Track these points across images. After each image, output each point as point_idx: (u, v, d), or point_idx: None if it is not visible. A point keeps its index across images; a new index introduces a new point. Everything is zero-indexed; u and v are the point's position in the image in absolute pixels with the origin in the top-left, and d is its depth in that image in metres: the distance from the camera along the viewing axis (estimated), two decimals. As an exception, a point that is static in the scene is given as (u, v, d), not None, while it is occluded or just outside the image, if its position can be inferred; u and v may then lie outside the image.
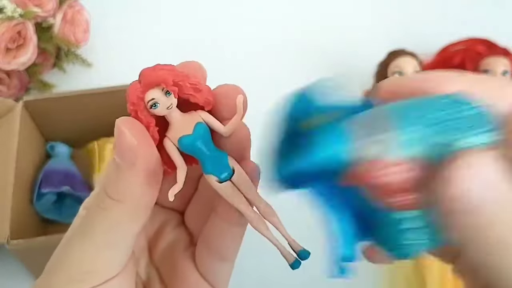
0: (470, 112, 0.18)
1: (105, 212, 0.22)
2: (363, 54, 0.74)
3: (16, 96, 0.65)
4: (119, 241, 0.22)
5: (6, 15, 0.60)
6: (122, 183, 0.22)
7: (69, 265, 0.22)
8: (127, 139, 0.21)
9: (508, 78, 0.64)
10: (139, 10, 0.80)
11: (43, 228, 0.56)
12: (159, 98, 0.21)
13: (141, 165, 0.21)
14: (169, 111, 0.22)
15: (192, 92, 0.22)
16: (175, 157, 0.22)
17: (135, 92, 0.21)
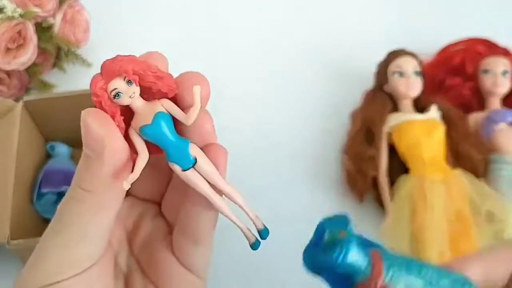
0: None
1: (78, 203, 0.23)
2: (363, 54, 0.74)
3: (16, 96, 0.65)
4: (94, 231, 0.23)
5: (6, 15, 0.60)
6: (92, 173, 0.22)
7: (46, 259, 0.23)
8: (93, 129, 0.22)
9: (507, 78, 0.64)
10: (139, 10, 0.80)
11: (43, 228, 0.55)
12: (121, 87, 0.22)
13: (109, 155, 0.22)
14: (132, 100, 0.22)
15: (153, 80, 0.22)
16: (137, 146, 0.23)
17: (98, 83, 0.22)
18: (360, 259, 0.22)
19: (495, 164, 0.60)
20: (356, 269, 0.22)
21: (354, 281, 0.23)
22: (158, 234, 0.28)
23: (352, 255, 0.22)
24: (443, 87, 0.68)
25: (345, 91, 0.71)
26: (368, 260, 0.22)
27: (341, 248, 0.22)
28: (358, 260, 0.22)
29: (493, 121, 0.62)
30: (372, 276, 0.22)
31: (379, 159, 0.60)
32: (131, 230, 0.28)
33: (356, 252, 0.22)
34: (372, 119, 0.62)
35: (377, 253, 0.23)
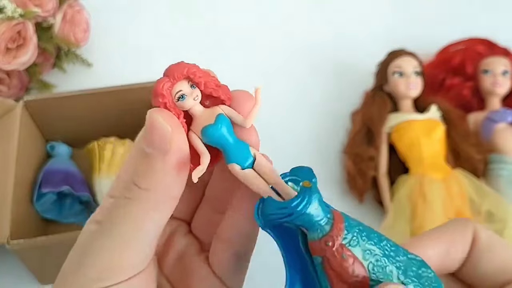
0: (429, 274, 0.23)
1: (133, 201, 0.22)
2: (363, 54, 0.74)
3: (16, 96, 0.65)
4: (145, 233, 0.22)
5: (6, 15, 0.60)
6: (152, 171, 0.21)
7: (91, 262, 0.21)
8: (161, 126, 0.21)
9: (507, 78, 0.64)
10: (139, 10, 0.80)
11: (43, 228, 0.56)
12: (185, 90, 0.22)
13: (174, 153, 0.21)
14: (195, 103, 0.22)
15: (214, 87, 0.23)
16: (199, 147, 0.23)
17: (164, 85, 0.22)
18: (320, 213, 0.21)
19: (494, 164, 0.61)
20: (314, 224, 0.21)
21: (309, 237, 0.22)
22: (191, 251, 0.27)
23: (314, 206, 0.21)
24: (443, 87, 0.68)
25: (345, 91, 0.71)
26: (329, 217, 0.22)
27: (303, 197, 0.21)
28: (318, 214, 0.21)
29: (493, 121, 0.62)
30: (330, 233, 0.21)
31: (379, 159, 0.60)
32: (161, 249, 0.27)
33: (318, 204, 0.21)
34: (372, 119, 0.62)
35: (339, 214, 0.22)
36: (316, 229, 0.21)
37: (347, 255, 0.21)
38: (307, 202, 0.21)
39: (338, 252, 0.21)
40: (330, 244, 0.21)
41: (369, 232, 0.22)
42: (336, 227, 0.21)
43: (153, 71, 0.76)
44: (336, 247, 0.21)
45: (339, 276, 0.21)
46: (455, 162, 0.61)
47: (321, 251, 0.21)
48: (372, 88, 0.67)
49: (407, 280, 0.22)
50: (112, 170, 0.57)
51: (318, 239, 0.21)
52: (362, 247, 0.21)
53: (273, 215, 0.21)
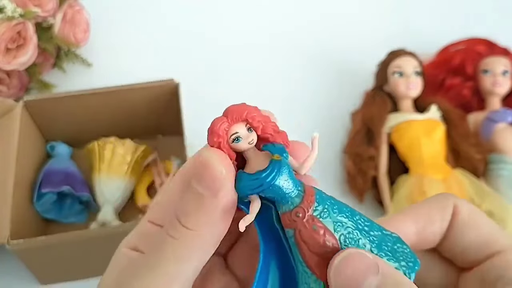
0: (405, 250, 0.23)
1: (178, 242, 0.22)
2: (363, 54, 0.74)
3: (16, 96, 0.65)
4: (187, 272, 0.22)
5: (6, 15, 0.60)
6: (201, 213, 0.21)
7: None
8: (215, 167, 0.21)
9: (507, 78, 0.64)
10: (139, 10, 0.80)
11: (43, 228, 0.56)
12: (242, 132, 0.22)
13: (225, 196, 0.21)
14: (250, 146, 0.22)
15: (272, 133, 0.23)
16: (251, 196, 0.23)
17: (222, 124, 0.22)
18: (291, 186, 0.22)
19: (494, 164, 0.61)
20: (285, 196, 0.22)
21: (281, 211, 0.22)
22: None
23: (283, 177, 0.22)
24: (443, 87, 0.68)
25: (345, 91, 0.71)
26: (299, 190, 0.22)
27: (272, 168, 0.21)
28: (288, 186, 0.22)
29: (493, 121, 0.62)
30: (301, 205, 0.22)
31: (379, 159, 0.60)
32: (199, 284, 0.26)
33: (287, 176, 0.22)
34: (372, 119, 0.62)
35: (310, 187, 0.22)
36: (287, 201, 0.22)
37: (317, 226, 0.21)
38: (276, 173, 0.21)
39: (309, 223, 0.21)
40: (300, 215, 0.22)
41: (341, 206, 0.22)
42: (306, 199, 0.22)
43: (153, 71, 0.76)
44: (307, 219, 0.21)
45: (310, 247, 0.21)
46: (455, 162, 0.61)
47: (292, 223, 0.22)
48: (372, 88, 0.67)
49: (381, 253, 0.22)
50: (112, 170, 0.57)
51: (289, 211, 0.22)
52: (333, 219, 0.22)
53: (246, 187, 0.22)
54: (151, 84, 0.58)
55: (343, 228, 0.22)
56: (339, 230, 0.22)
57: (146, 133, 0.62)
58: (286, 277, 0.23)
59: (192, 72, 0.70)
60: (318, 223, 0.22)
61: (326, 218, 0.22)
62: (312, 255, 0.22)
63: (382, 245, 0.22)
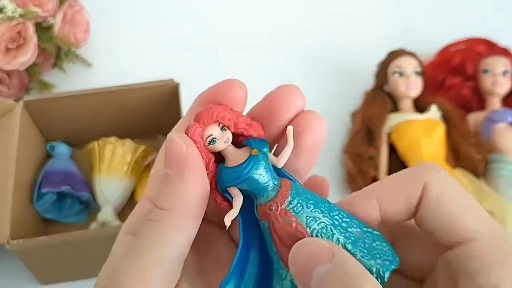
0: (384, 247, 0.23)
1: (156, 223, 0.22)
2: (363, 54, 0.74)
3: (16, 96, 0.65)
4: (171, 255, 0.22)
5: (6, 15, 0.60)
6: (172, 191, 0.22)
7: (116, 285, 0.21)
8: (177, 146, 0.22)
9: (507, 78, 0.64)
10: (139, 10, 0.80)
11: (43, 228, 0.56)
12: (216, 133, 0.23)
13: (190, 170, 0.22)
14: (226, 145, 0.23)
15: (245, 127, 0.24)
16: (232, 189, 0.24)
17: (196, 130, 0.23)
18: (267, 178, 0.23)
19: (494, 164, 0.61)
20: (261, 188, 0.23)
21: (257, 203, 0.23)
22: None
23: (259, 172, 0.23)
24: (443, 87, 0.68)
25: (345, 91, 0.71)
26: (275, 184, 0.23)
27: (249, 162, 0.23)
28: (264, 178, 0.23)
29: (493, 121, 0.62)
30: (275, 199, 0.23)
31: (379, 159, 0.60)
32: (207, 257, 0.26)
33: (264, 170, 0.23)
34: (372, 119, 0.62)
35: (287, 182, 0.23)
36: (263, 195, 0.23)
37: (290, 219, 0.22)
38: (252, 166, 0.23)
39: (281, 216, 0.22)
40: (273, 208, 0.23)
41: (318, 202, 0.23)
42: (281, 193, 0.23)
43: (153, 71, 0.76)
44: (279, 212, 0.22)
45: (281, 239, 0.22)
46: (455, 162, 0.61)
47: (266, 215, 0.23)
48: (372, 88, 0.67)
49: (355, 250, 0.22)
50: (112, 170, 0.57)
51: (264, 203, 0.23)
52: (307, 214, 0.22)
53: (225, 180, 0.23)
54: (151, 84, 0.58)
55: (316, 223, 0.22)
56: (311, 225, 0.22)
57: (146, 133, 0.62)
58: (266, 266, 0.24)
59: (192, 72, 0.70)
60: (291, 216, 0.22)
61: (299, 212, 0.22)
62: (284, 248, 0.22)
63: (358, 241, 0.22)
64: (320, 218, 0.22)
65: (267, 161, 0.23)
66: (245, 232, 0.24)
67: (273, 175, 0.23)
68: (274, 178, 0.23)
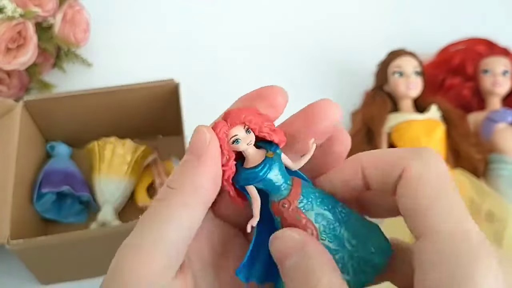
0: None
1: (163, 202, 0.23)
2: (363, 54, 0.74)
3: (16, 96, 0.65)
4: (175, 234, 0.22)
5: (6, 15, 0.60)
6: (184, 173, 0.23)
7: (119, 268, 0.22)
8: (201, 136, 0.24)
9: (507, 78, 0.64)
10: (139, 10, 0.80)
11: (43, 228, 0.56)
12: (241, 135, 0.25)
13: (207, 158, 0.23)
14: (248, 146, 0.25)
15: (268, 132, 0.25)
16: (251, 191, 0.25)
17: (222, 128, 0.24)
18: (280, 178, 0.25)
19: (494, 164, 0.60)
20: (275, 188, 0.25)
21: (271, 200, 0.25)
22: None
23: (274, 173, 0.25)
24: (443, 87, 0.68)
25: (345, 91, 0.71)
26: (288, 183, 0.25)
27: (265, 164, 0.25)
28: (278, 179, 0.25)
29: (493, 121, 0.62)
30: (288, 197, 0.25)
31: (379, 159, 0.60)
32: (220, 253, 0.27)
33: (278, 171, 0.25)
34: (372, 119, 0.62)
35: (298, 181, 0.25)
36: (277, 193, 0.25)
37: (300, 216, 0.24)
38: (268, 168, 0.24)
39: (293, 214, 0.24)
40: (286, 206, 0.25)
41: (324, 199, 0.25)
42: (293, 192, 0.25)
43: (153, 71, 0.76)
44: (292, 209, 0.24)
45: None
46: (455, 162, 0.61)
47: (279, 212, 0.25)
48: (372, 88, 0.67)
49: (354, 241, 0.25)
50: (112, 170, 0.57)
51: (277, 201, 0.25)
52: (316, 211, 0.25)
53: (243, 179, 0.25)
54: (151, 84, 0.58)
55: (323, 219, 0.25)
56: (319, 221, 0.24)
57: (146, 133, 0.62)
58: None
59: (192, 72, 0.70)
60: (301, 214, 0.24)
61: (308, 210, 0.25)
62: None
63: (357, 233, 0.25)
64: (327, 215, 0.25)
65: (281, 162, 0.25)
66: (259, 225, 0.25)
67: (286, 175, 0.25)
68: (287, 178, 0.25)
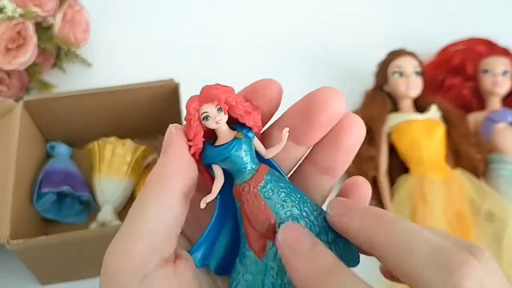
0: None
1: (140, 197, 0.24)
2: (363, 54, 0.74)
3: (16, 96, 0.65)
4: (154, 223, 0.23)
5: (6, 15, 0.60)
6: (155, 169, 0.24)
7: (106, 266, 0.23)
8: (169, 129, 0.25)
9: (507, 78, 0.64)
10: (139, 10, 0.80)
11: (43, 228, 0.56)
12: (211, 112, 0.24)
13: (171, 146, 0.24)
14: (218, 125, 0.25)
15: (241, 113, 0.25)
16: (216, 168, 0.25)
17: (193, 104, 0.25)
18: (246, 161, 0.24)
19: (494, 164, 0.61)
20: (239, 170, 0.24)
21: (234, 182, 0.25)
22: None
23: (239, 153, 0.24)
24: (443, 87, 0.68)
25: (345, 91, 0.70)
26: (253, 168, 0.24)
27: (231, 143, 0.24)
28: (243, 161, 0.24)
29: (493, 121, 0.62)
30: (249, 181, 0.24)
31: (379, 159, 0.60)
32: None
33: (244, 153, 0.24)
34: (372, 119, 0.62)
35: (265, 168, 0.25)
36: (240, 176, 0.24)
37: (259, 203, 0.24)
38: (233, 148, 0.24)
39: (252, 199, 0.24)
40: (246, 189, 0.24)
41: (291, 192, 0.24)
42: (256, 177, 0.24)
43: (153, 71, 0.76)
44: (251, 194, 0.24)
45: (249, 221, 0.24)
46: (455, 162, 0.61)
47: (239, 195, 0.24)
48: (372, 88, 0.67)
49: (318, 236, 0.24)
50: (112, 170, 0.57)
51: (239, 184, 0.24)
52: (277, 200, 0.24)
53: (207, 156, 0.25)
54: (151, 84, 0.58)
55: (283, 211, 0.24)
56: (278, 211, 0.24)
57: (146, 133, 0.62)
58: (236, 244, 0.25)
59: (192, 72, 0.70)
60: (260, 200, 0.24)
61: (269, 198, 0.24)
62: (250, 228, 0.24)
63: (323, 234, 0.24)
64: (289, 207, 0.24)
65: (250, 145, 0.25)
66: (221, 208, 0.25)
67: (254, 159, 0.25)
68: (254, 162, 0.25)
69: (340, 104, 0.26)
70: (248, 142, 0.25)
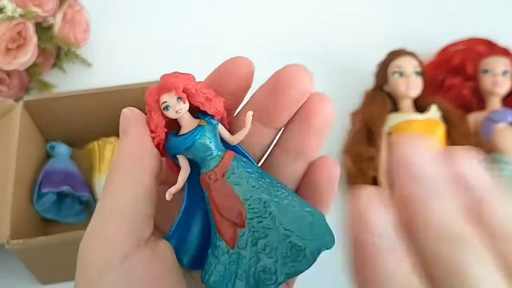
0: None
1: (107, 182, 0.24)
2: (363, 54, 0.74)
3: (16, 96, 0.65)
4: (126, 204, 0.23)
5: (6, 15, 0.60)
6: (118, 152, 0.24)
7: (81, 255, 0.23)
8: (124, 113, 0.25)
9: (507, 78, 0.64)
10: (139, 10, 0.80)
11: (43, 228, 0.56)
12: (170, 102, 0.24)
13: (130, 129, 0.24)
14: (179, 115, 0.24)
15: (202, 101, 0.24)
16: (181, 158, 0.24)
17: (151, 94, 0.24)
18: (210, 148, 0.24)
19: (495, 164, 0.60)
20: (204, 158, 0.24)
21: (200, 172, 0.24)
22: None
23: (202, 141, 0.24)
24: (443, 87, 0.68)
25: (345, 91, 0.71)
26: (219, 155, 0.24)
27: (195, 132, 0.24)
28: (207, 149, 0.24)
29: (493, 121, 0.62)
30: (215, 169, 0.24)
31: (379, 159, 0.60)
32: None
33: (208, 140, 0.24)
34: (372, 119, 0.62)
35: (231, 154, 0.24)
36: (206, 164, 0.24)
37: (226, 190, 0.23)
38: (195, 136, 0.24)
39: (219, 187, 0.23)
40: (212, 177, 0.23)
41: (260, 177, 0.24)
42: (222, 164, 0.24)
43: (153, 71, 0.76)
44: (218, 182, 0.23)
45: (218, 209, 0.23)
46: (455, 162, 0.61)
47: (206, 184, 0.24)
48: (372, 88, 0.67)
49: (291, 227, 0.23)
50: (112, 170, 0.57)
51: (205, 173, 0.24)
52: (245, 186, 0.23)
53: (171, 147, 0.24)
54: (151, 84, 0.57)
55: (251, 194, 0.23)
56: (247, 197, 0.23)
57: (146, 133, 0.62)
58: (207, 235, 0.24)
59: (192, 72, 0.69)
60: (227, 187, 0.23)
61: (237, 185, 0.23)
62: (220, 217, 0.23)
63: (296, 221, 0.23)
64: (258, 193, 0.23)
65: (214, 132, 0.24)
66: (190, 199, 0.25)
67: (219, 146, 0.24)
68: (219, 149, 0.24)
69: (307, 81, 0.25)
70: (212, 129, 0.24)
